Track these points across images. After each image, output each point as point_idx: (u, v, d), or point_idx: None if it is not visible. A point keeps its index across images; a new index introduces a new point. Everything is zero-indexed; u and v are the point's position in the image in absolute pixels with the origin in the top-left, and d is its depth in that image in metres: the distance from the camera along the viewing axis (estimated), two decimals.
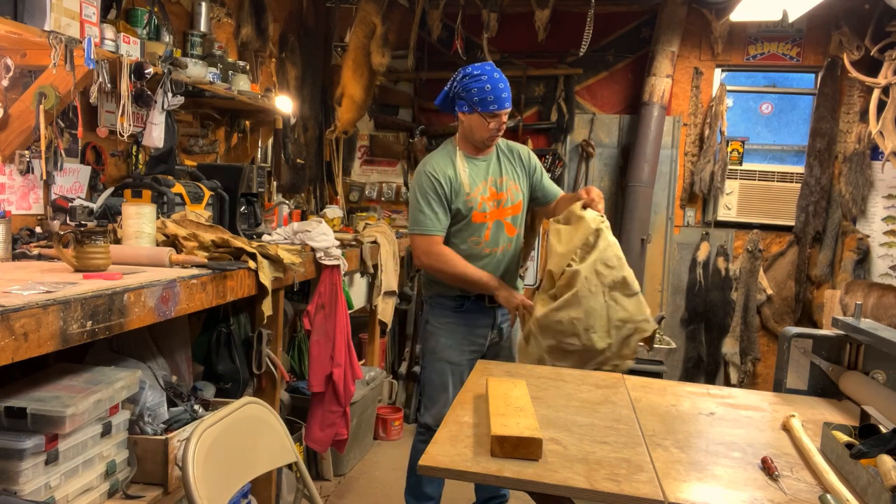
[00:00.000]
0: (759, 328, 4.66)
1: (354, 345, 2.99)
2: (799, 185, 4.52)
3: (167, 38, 2.78)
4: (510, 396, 1.57)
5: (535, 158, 2.58)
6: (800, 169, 4.56)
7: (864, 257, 4.34)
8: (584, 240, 2.19)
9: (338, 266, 2.80)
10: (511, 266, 2.52)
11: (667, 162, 4.67)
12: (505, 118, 2.35)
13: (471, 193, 2.39)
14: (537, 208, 2.64)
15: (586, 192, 2.29)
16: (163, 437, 1.82)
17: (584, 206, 2.26)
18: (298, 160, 4.27)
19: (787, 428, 1.57)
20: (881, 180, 4.33)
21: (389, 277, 3.79)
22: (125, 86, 2.29)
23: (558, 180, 4.78)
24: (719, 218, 4.66)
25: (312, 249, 2.74)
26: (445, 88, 2.39)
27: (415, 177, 2.44)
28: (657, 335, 4.08)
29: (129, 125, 2.33)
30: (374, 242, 3.59)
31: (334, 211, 4.11)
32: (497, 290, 2.38)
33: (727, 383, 4.58)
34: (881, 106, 4.04)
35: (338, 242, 2.87)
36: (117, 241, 2.12)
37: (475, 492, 2.71)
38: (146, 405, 1.85)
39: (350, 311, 3.00)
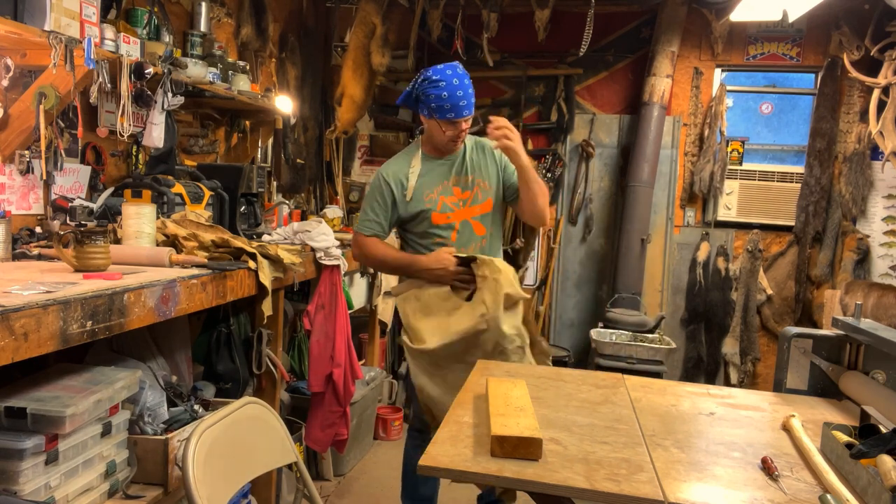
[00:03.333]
0: (759, 328, 4.66)
1: (354, 345, 2.98)
2: (799, 185, 4.52)
3: (167, 38, 2.78)
4: (510, 396, 1.57)
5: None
6: (800, 169, 4.56)
7: (864, 257, 4.34)
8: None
9: (338, 266, 2.80)
10: None
11: (667, 162, 4.67)
12: (465, 125, 2.26)
13: (428, 196, 2.33)
14: (511, 206, 2.53)
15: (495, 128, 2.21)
16: (163, 437, 1.82)
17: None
18: (298, 160, 4.27)
19: (787, 428, 1.57)
20: (881, 180, 4.33)
21: (389, 277, 3.79)
22: (125, 86, 2.29)
23: (558, 181, 4.78)
24: (719, 218, 4.66)
25: (312, 249, 2.74)
26: (408, 88, 2.31)
27: (375, 173, 2.46)
28: (659, 333, 4.08)
29: (129, 125, 2.33)
30: None
31: (334, 211, 4.11)
32: (419, 263, 2.31)
33: (727, 383, 4.58)
34: (881, 106, 4.04)
35: (338, 242, 2.87)
36: (117, 241, 2.12)
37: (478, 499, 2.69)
38: (146, 405, 1.85)
39: (350, 311, 2.99)
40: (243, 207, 2.96)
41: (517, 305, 2.27)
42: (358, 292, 3.66)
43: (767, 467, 1.31)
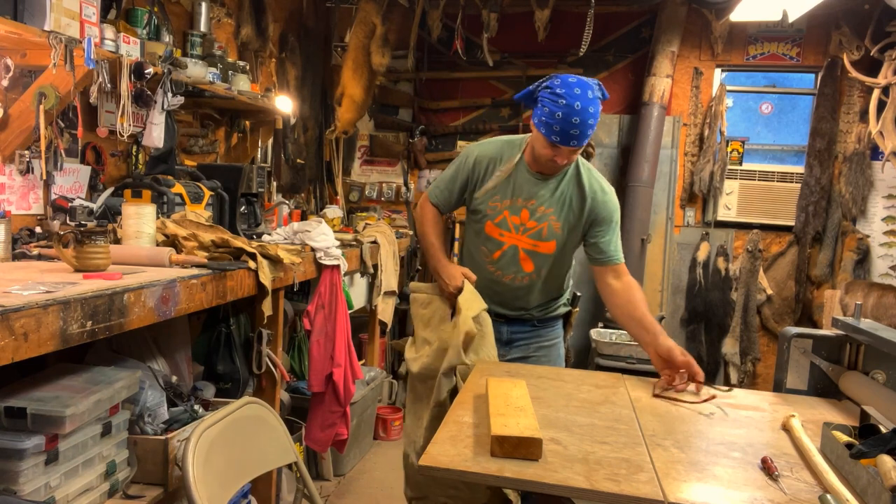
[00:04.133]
0: (759, 328, 4.66)
1: (354, 345, 2.98)
2: (799, 185, 4.52)
3: (167, 38, 2.78)
4: (510, 396, 1.57)
5: (601, 214, 2.10)
6: (800, 169, 4.56)
7: (864, 257, 4.34)
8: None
9: (338, 266, 2.80)
10: (520, 304, 2.20)
11: (667, 162, 4.67)
12: (569, 155, 1.97)
13: (494, 203, 2.12)
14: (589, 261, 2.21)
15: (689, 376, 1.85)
16: (163, 437, 1.82)
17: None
18: (298, 160, 4.27)
19: (787, 428, 1.57)
20: (881, 180, 4.33)
21: (389, 277, 3.79)
22: (125, 86, 2.29)
23: None
24: (719, 218, 4.66)
25: (312, 249, 2.74)
26: (530, 87, 2.03)
27: (468, 146, 2.26)
28: None
29: (129, 125, 2.33)
30: (374, 242, 3.59)
31: (334, 211, 4.11)
32: (439, 263, 2.16)
33: (727, 383, 4.58)
34: (881, 106, 4.04)
35: (338, 242, 2.87)
36: (117, 241, 2.12)
37: None
38: (146, 405, 1.85)
39: (350, 311, 3.00)
40: (243, 207, 2.96)
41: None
42: (358, 292, 3.66)
43: (767, 467, 1.31)
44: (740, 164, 4.65)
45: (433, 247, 2.24)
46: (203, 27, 3.15)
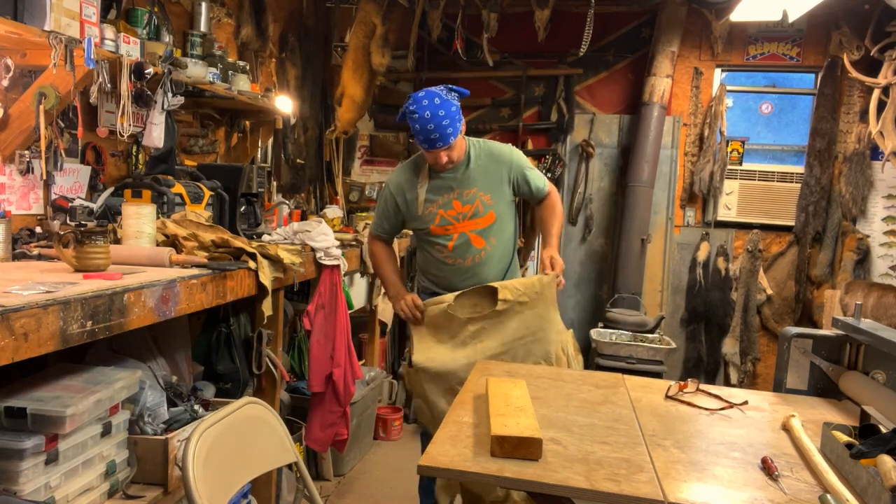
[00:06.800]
0: (759, 328, 4.66)
1: (354, 345, 2.99)
2: (799, 185, 4.52)
3: (167, 38, 2.78)
4: (510, 396, 1.57)
5: (515, 160, 2.41)
6: (800, 169, 4.56)
7: (864, 257, 4.34)
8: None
9: (338, 266, 2.80)
10: (485, 276, 2.39)
11: (667, 162, 4.67)
12: (443, 155, 2.25)
13: (427, 210, 2.36)
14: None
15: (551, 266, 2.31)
16: (163, 437, 1.82)
17: None
18: (298, 160, 4.27)
19: (787, 428, 1.57)
20: (881, 180, 4.33)
21: None
22: (125, 86, 2.29)
23: (558, 181, 4.77)
24: (719, 218, 4.66)
25: (312, 249, 2.74)
26: (402, 109, 2.31)
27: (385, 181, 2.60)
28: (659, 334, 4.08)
29: (129, 125, 2.33)
30: None
31: (334, 211, 4.11)
32: (389, 290, 2.51)
33: (727, 383, 4.58)
34: (881, 106, 4.04)
35: (338, 242, 2.87)
36: (117, 241, 2.12)
37: None
38: (146, 405, 1.85)
39: (350, 311, 3.00)
40: (243, 207, 2.96)
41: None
42: (358, 292, 3.66)
43: (767, 467, 1.31)
44: (740, 164, 4.65)
45: (385, 275, 2.56)
46: (203, 27, 3.15)
